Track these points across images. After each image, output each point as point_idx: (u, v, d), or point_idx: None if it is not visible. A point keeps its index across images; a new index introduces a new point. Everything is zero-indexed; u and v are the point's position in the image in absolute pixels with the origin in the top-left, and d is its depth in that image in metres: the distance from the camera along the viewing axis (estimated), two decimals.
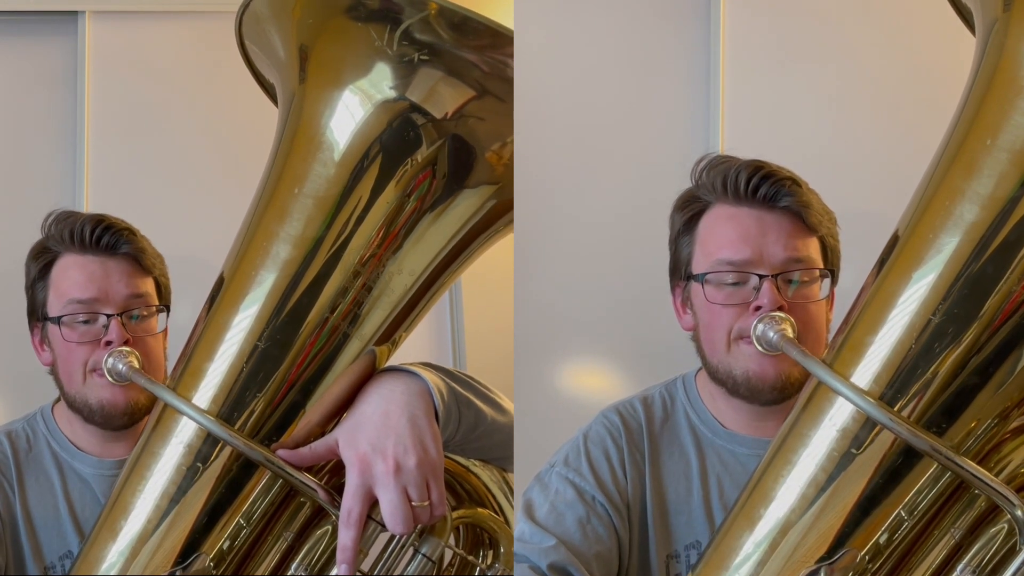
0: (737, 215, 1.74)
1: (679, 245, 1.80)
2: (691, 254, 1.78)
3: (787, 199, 1.72)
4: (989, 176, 1.41)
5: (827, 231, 1.76)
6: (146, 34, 2.56)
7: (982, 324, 1.40)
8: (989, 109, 1.43)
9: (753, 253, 1.72)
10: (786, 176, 1.74)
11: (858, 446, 1.45)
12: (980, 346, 1.40)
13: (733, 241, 1.73)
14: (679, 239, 1.80)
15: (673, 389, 1.86)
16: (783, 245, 1.72)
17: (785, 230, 1.73)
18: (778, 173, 1.74)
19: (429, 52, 1.61)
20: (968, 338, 1.40)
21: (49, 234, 1.91)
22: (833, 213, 1.78)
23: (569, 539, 1.72)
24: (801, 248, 1.73)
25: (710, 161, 1.79)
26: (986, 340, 1.40)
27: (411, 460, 1.61)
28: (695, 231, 1.78)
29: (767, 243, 1.72)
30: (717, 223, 1.76)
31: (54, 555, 1.86)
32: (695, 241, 1.78)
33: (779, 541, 1.48)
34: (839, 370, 1.46)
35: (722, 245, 1.74)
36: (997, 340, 1.40)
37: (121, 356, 1.79)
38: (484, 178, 1.67)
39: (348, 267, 1.65)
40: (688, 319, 1.80)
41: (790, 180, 1.74)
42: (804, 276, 1.72)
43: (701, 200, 1.78)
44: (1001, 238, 1.39)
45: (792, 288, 1.71)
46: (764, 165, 1.75)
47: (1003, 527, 1.46)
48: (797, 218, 1.73)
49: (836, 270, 1.78)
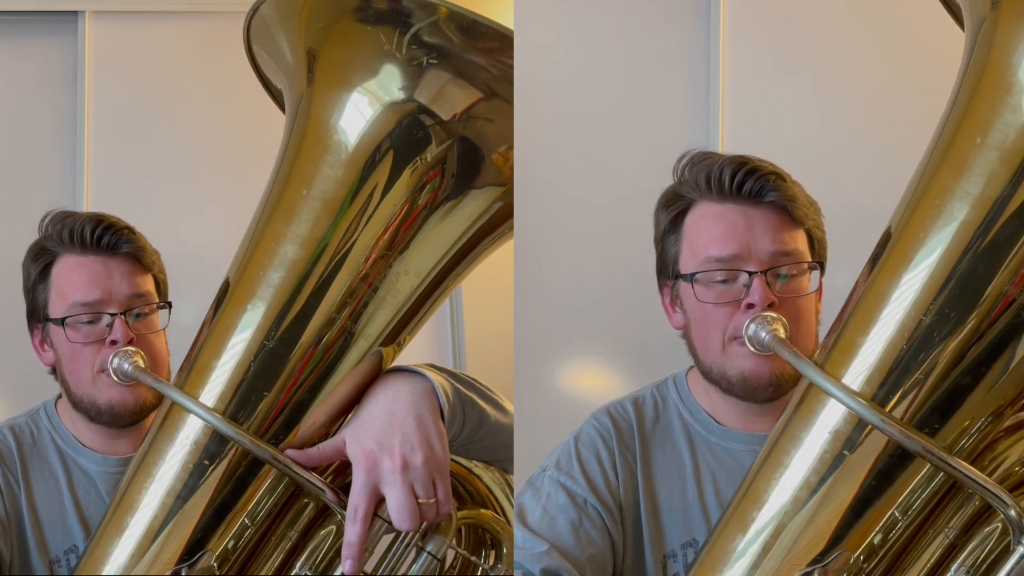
0: (723, 212, 1.73)
1: (666, 244, 1.79)
2: (678, 252, 1.77)
3: (773, 194, 1.71)
4: (979, 175, 1.40)
5: (813, 223, 1.75)
6: (146, 34, 2.56)
7: (974, 324, 1.39)
8: (979, 107, 1.42)
9: (741, 249, 1.70)
10: (771, 171, 1.73)
11: (850, 447, 1.44)
12: (972, 345, 1.39)
13: (720, 238, 1.72)
14: (665, 238, 1.79)
15: (664, 389, 1.85)
16: (771, 239, 1.70)
17: (772, 224, 1.71)
18: (762, 168, 1.72)
19: (438, 55, 1.60)
20: (960, 337, 1.39)
21: (47, 234, 1.90)
22: (818, 204, 1.76)
23: (561, 543, 1.71)
24: (789, 242, 1.71)
25: (692, 157, 1.77)
26: (978, 339, 1.39)
27: (418, 458, 1.61)
28: (681, 229, 1.76)
29: (754, 238, 1.70)
30: (703, 220, 1.74)
31: (59, 549, 1.86)
32: (682, 239, 1.76)
33: (772, 543, 1.47)
34: (831, 371, 1.45)
35: (709, 242, 1.73)
36: (989, 339, 1.39)
37: (127, 356, 1.79)
38: (491, 180, 1.67)
39: (355, 268, 1.64)
40: (678, 318, 1.80)
41: (775, 174, 1.72)
42: (793, 270, 1.71)
43: (685, 198, 1.76)
44: (992, 236, 1.39)
45: (781, 282, 1.70)
46: (748, 160, 1.73)
47: (997, 527, 1.46)
48: (783, 212, 1.72)
49: (824, 261, 1.76)
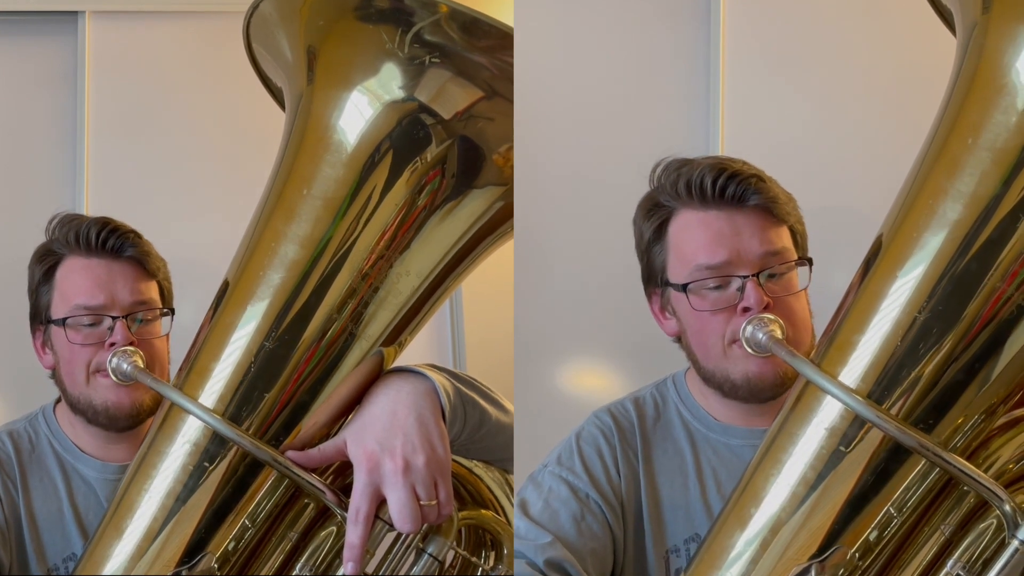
0: (707, 219, 1.73)
1: (651, 254, 1.78)
2: (665, 261, 1.77)
3: (756, 196, 1.71)
4: (971, 175, 1.41)
5: (795, 218, 1.75)
6: (146, 34, 2.56)
7: (967, 321, 1.40)
8: (971, 109, 1.44)
9: (730, 254, 1.71)
10: (751, 173, 1.73)
11: (847, 444, 1.45)
12: (966, 343, 1.41)
13: (708, 245, 1.72)
14: (651, 247, 1.78)
15: (664, 389, 1.86)
16: (758, 241, 1.71)
17: (758, 226, 1.71)
18: (743, 172, 1.72)
19: (439, 54, 1.60)
20: (954, 335, 1.41)
21: (53, 237, 1.90)
22: (794, 198, 1.76)
23: (564, 536, 1.72)
24: (776, 241, 1.72)
25: (667, 164, 1.77)
26: (972, 337, 1.40)
27: (420, 459, 1.61)
28: (666, 238, 1.76)
29: (742, 242, 1.71)
30: (688, 229, 1.74)
31: (58, 557, 1.85)
32: (667, 248, 1.76)
33: (770, 540, 1.48)
34: (827, 369, 1.46)
35: (697, 250, 1.72)
36: (983, 337, 1.40)
37: (126, 356, 1.79)
38: (492, 179, 1.66)
39: (355, 268, 1.64)
40: (671, 324, 1.80)
41: (755, 176, 1.72)
42: (783, 268, 1.71)
43: (665, 206, 1.76)
44: (984, 236, 1.40)
45: (773, 281, 1.71)
46: (727, 165, 1.73)
47: (992, 522, 1.47)
48: (767, 212, 1.72)
49: (807, 255, 1.76)
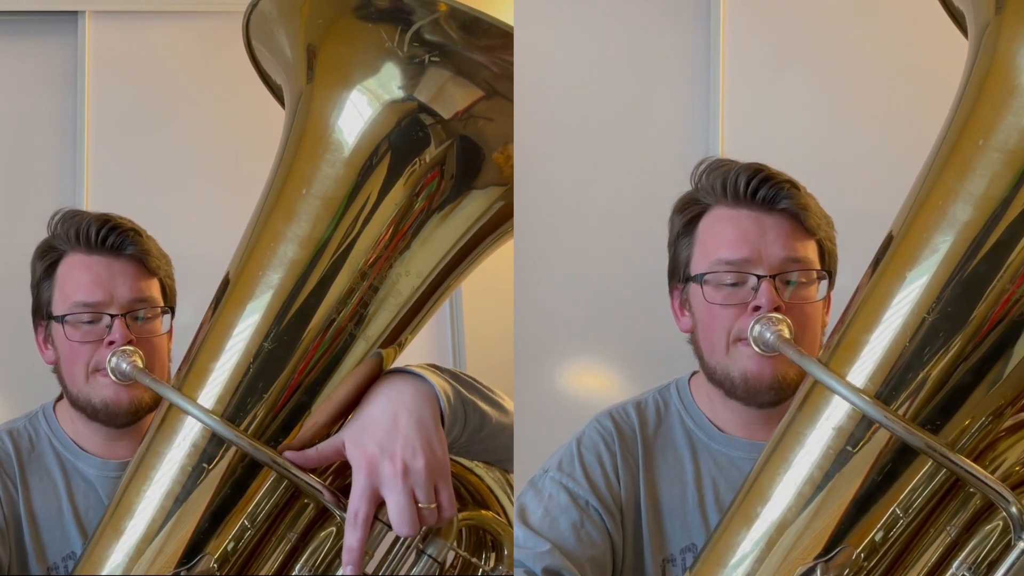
0: (736, 216, 1.75)
1: (678, 247, 1.81)
2: (690, 256, 1.79)
3: (785, 201, 1.74)
4: (982, 176, 1.42)
5: (824, 234, 1.77)
6: (146, 34, 2.56)
7: (976, 323, 1.40)
8: (982, 110, 1.44)
9: (752, 253, 1.73)
10: (785, 179, 1.75)
11: (854, 444, 1.45)
12: (974, 345, 1.41)
13: (732, 241, 1.74)
14: (678, 241, 1.81)
15: (667, 394, 1.86)
16: (781, 245, 1.73)
17: (784, 231, 1.74)
18: (777, 176, 1.75)
19: (439, 53, 1.60)
20: (962, 337, 1.41)
21: (55, 233, 1.90)
22: (830, 217, 1.79)
23: (563, 543, 1.72)
24: (799, 249, 1.74)
25: (710, 164, 1.80)
26: (980, 339, 1.41)
27: (419, 462, 1.61)
28: (694, 233, 1.79)
29: (765, 243, 1.73)
30: (716, 224, 1.77)
31: (57, 556, 1.85)
32: (694, 243, 1.79)
33: (776, 539, 1.48)
34: (835, 369, 1.46)
35: (721, 245, 1.75)
36: (991, 339, 1.41)
37: (125, 355, 1.78)
38: (492, 179, 1.66)
39: (355, 268, 1.64)
40: (686, 321, 1.81)
41: (788, 183, 1.75)
42: (802, 277, 1.73)
43: (701, 203, 1.79)
44: (995, 238, 1.40)
45: (790, 289, 1.72)
46: (763, 168, 1.76)
47: (998, 524, 1.47)
48: (795, 220, 1.74)
49: (833, 273, 1.78)
